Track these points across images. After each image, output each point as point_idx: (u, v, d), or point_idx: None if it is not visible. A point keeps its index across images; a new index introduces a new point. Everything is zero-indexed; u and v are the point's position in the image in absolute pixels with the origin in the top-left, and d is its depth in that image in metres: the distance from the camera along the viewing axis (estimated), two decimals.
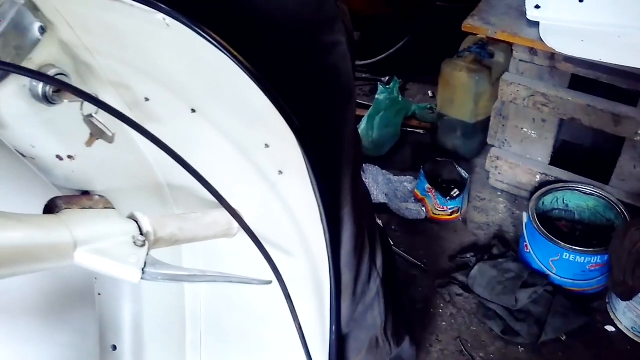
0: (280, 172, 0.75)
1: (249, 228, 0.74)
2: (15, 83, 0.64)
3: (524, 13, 1.77)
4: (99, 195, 0.81)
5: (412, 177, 2.21)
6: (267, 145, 0.70)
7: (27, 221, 0.70)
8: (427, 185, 2.08)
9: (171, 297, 1.05)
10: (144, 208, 0.84)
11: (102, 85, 0.72)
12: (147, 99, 0.74)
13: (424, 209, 2.12)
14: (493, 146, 2.15)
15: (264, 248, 0.76)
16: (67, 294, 1.12)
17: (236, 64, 0.56)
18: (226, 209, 0.74)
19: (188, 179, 0.95)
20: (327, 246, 0.83)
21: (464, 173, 2.11)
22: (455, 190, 2.10)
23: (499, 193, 2.21)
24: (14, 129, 0.68)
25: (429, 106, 2.52)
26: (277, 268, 0.78)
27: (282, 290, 0.80)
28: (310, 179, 0.70)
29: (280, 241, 0.89)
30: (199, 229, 0.88)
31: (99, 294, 0.98)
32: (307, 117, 0.66)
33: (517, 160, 2.09)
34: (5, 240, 0.65)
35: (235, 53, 0.56)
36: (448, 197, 2.06)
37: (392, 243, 1.56)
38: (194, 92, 0.70)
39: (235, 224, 0.94)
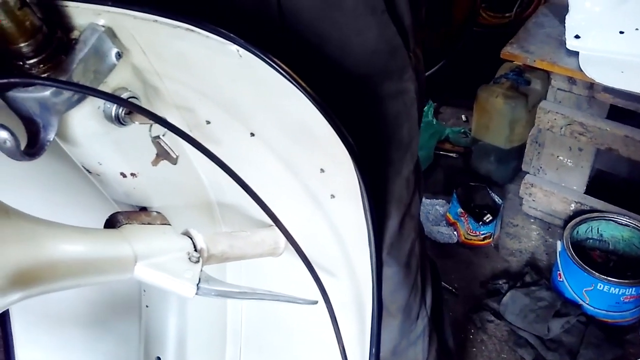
0: (333, 196, 0.77)
1: (300, 249, 0.76)
2: (91, 105, 0.67)
3: (563, 42, 1.78)
4: (156, 212, 0.85)
5: (444, 201, 2.22)
6: (322, 170, 0.73)
7: (93, 235, 0.73)
8: (460, 210, 2.08)
9: (214, 312, 1.07)
10: (195, 225, 0.87)
11: (167, 108, 0.75)
12: (208, 122, 0.78)
13: (455, 233, 2.12)
14: (527, 173, 2.15)
15: (313, 269, 0.78)
16: (112, 304, 1.16)
17: (304, 94, 0.59)
18: (279, 228, 0.76)
19: (237, 198, 0.98)
20: (372, 272, 0.85)
21: (497, 198, 2.11)
22: (488, 215, 2.10)
23: (532, 220, 2.21)
24: (85, 147, 0.72)
25: (462, 130, 2.53)
26: (324, 289, 0.80)
27: (328, 311, 0.82)
28: (364, 205, 0.72)
29: (325, 262, 0.91)
30: (248, 247, 0.90)
31: (147, 306, 1.01)
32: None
33: (552, 188, 2.08)
34: (73, 253, 0.69)
35: (304, 84, 0.59)
36: (481, 222, 2.06)
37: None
38: (255, 117, 0.73)
39: (282, 244, 0.96)
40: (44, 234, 0.67)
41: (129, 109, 0.65)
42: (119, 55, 0.67)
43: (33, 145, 0.65)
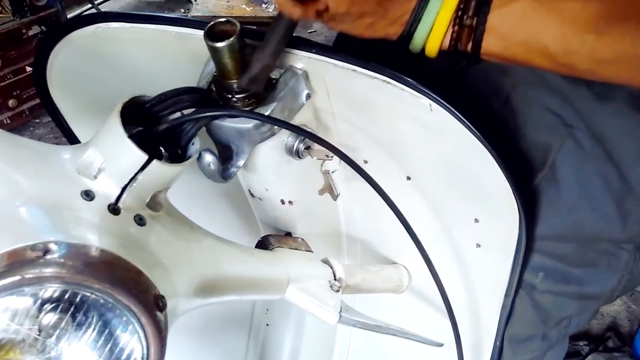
0: (478, 245, 0.81)
1: (442, 285, 0.79)
2: (278, 138, 0.74)
3: None
4: (301, 238, 0.91)
5: None
6: (476, 220, 0.77)
7: (257, 255, 0.80)
8: None
9: (324, 337, 1.12)
10: (323, 254, 0.92)
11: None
12: (365, 161, 0.83)
13: None
14: None
15: (451, 309, 0.81)
16: (224, 319, 1.22)
17: (490, 153, 0.64)
18: (427, 264, 0.79)
19: (366, 233, 1.03)
20: (499, 323, 0.87)
21: None
22: None
23: None
24: (260, 174, 0.79)
25: None
26: (458, 331, 0.83)
27: (458, 354, 0.84)
28: (515, 260, 0.75)
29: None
30: (378, 282, 0.94)
31: (267, 325, 1.06)
32: None
33: None
34: (242, 270, 0.75)
35: (490, 143, 0.64)
36: None
37: None
38: (415, 162, 0.78)
39: (405, 282, 1.00)
40: (221, 250, 0.74)
41: (323, 146, 0.70)
42: (308, 96, 0.74)
43: (225, 170, 0.72)
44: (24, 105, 2.66)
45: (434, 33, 0.64)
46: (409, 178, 0.81)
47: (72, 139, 0.94)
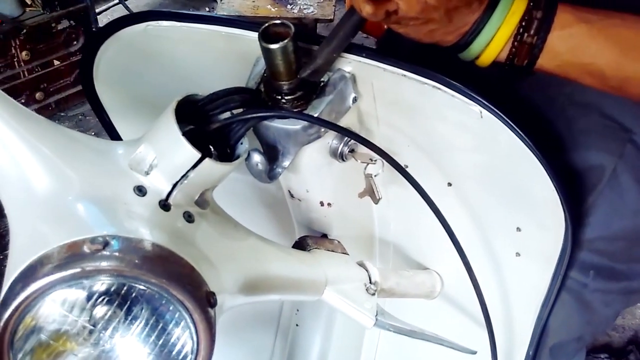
0: (518, 254, 0.81)
1: (483, 298, 0.79)
2: (323, 141, 0.75)
3: None
4: (337, 241, 0.91)
5: None
6: (518, 229, 0.77)
7: (297, 256, 0.80)
8: None
9: (353, 338, 1.12)
10: (355, 256, 0.92)
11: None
12: (406, 166, 0.83)
13: None
14: None
15: (489, 317, 0.81)
16: (252, 317, 1.22)
17: (539, 162, 0.64)
18: (467, 272, 0.79)
19: (399, 237, 1.03)
20: (534, 333, 0.87)
21: None
22: None
23: None
24: (303, 175, 0.79)
25: None
26: (494, 340, 0.83)
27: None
28: (557, 270, 0.75)
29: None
30: (411, 287, 0.95)
31: (297, 325, 1.06)
32: None
33: None
34: (284, 270, 0.75)
35: (541, 152, 0.64)
36: None
37: None
38: (460, 169, 0.78)
39: (438, 288, 1.00)
40: (263, 249, 0.75)
41: (373, 150, 0.70)
42: (355, 100, 0.74)
43: (271, 170, 0.73)
44: (51, 98, 2.69)
45: (492, 46, 0.66)
46: (449, 184, 0.81)
47: (113, 134, 0.95)
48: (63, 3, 2.57)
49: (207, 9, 3.70)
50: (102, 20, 3.15)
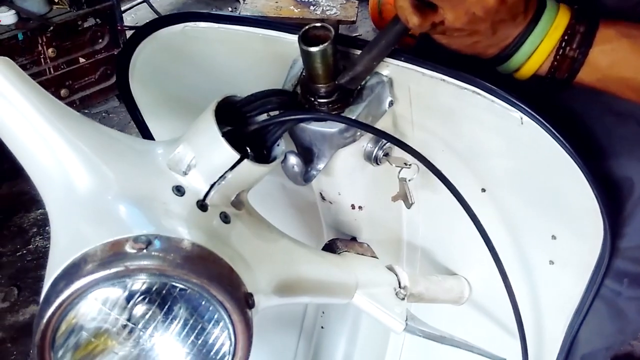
0: (551, 262, 0.80)
1: (517, 305, 0.78)
2: (358, 144, 0.74)
3: None
4: (367, 244, 0.91)
5: None
6: (554, 237, 0.76)
7: (329, 259, 0.80)
8: None
9: (378, 343, 1.12)
10: (383, 260, 0.92)
11: None
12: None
13: None
14: None
15: (522, 324, 0.80)
16: (275, 318, 1.22)
17: (580, 169, 0.63)
18: (502, 278, 0.78)
19: (428, 242, 1.03)
20: (564, 343, 0.86)
21: None
22: None
23: None
24: (336, 178, 0.79)
25: None
26: (526, 348, 0.82)
27: None
28: (592, 279, 0.74)
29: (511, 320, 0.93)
30: (440, 292, 0.94)
31: (322, 327, 1.06)
32: None
33: None
34: (316, 273, 0.75)
35: (582, 159, 0.63)
36: None
37: None
38: (495, 175, 0.77)
39: (466, 294, 1.00)
40: (296, 251, 0.75)
41: (412, 155, 0.70)
42: (391, 104, 0.74)
43: (306, 172, 0.73)
44: (75, 96, 2.72)
45: (533, 59, 0.66)
46: (484, 190, 0.81)
47: (146, 133, 0.95)
48: (89, 1, 2.60)
49: (229, 9, 3.72)
50: (127, 18, 3.18)
